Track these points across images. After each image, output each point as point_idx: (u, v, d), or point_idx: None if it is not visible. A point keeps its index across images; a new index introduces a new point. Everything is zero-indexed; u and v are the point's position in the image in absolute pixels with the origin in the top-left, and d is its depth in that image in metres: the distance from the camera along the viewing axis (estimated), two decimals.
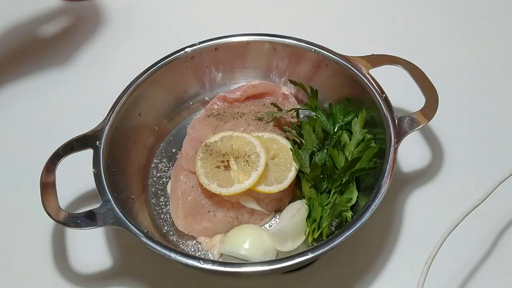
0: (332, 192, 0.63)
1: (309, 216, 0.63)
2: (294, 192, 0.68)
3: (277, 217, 0.67)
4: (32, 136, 0.79)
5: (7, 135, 0.79)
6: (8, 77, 0.86)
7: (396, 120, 0.63)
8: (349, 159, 0.64)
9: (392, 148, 0.61)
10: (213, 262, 0.55)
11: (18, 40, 0.90)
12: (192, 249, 0.65)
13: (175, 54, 0.72)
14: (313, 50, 0.72)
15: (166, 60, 0.72)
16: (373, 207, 0.57)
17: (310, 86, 0.71)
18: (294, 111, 0.72)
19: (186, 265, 0.55)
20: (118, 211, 0.58)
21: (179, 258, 0.55)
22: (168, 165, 0.72)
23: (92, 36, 0.93)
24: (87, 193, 0.70)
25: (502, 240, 0.66)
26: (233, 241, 0.62)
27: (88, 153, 0.63)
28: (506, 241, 0.66)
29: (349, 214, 0.61)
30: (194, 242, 0.65)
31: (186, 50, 0.73)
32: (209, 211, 0.64)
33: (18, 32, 0.90)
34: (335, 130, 0.68)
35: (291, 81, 0.73)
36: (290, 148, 0.65)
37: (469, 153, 0.73)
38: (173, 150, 0.74)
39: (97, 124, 0.65)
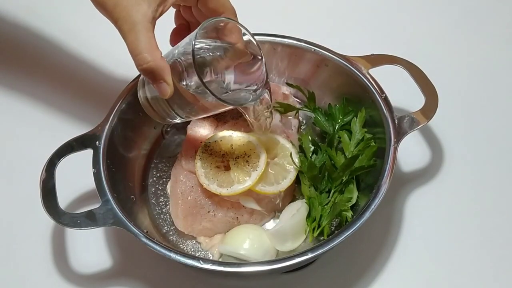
0: (332, 191, 0.63)
1: (309, 215, 0.63)
2: (294, 192, 0.68)
3: (277, 217, 0.67)
4: (32, 136, 0.79)
5: (7, 135, 0.79)
6: (9, 76, 0.86)
7: (396, 120, 0.63)
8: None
9: (392, 148, 0.61)
10: (213, 262, 0.55)
11: (19, 38, 0.90)
12: (192, 249, 0.65)
13: None
14: (313, 50, 0.72)
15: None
16: (373, 206, 0.57)
17: (307, 89, 0.71)
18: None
19: (186, 265, 0.55)
20: (118, 211, 0.58)
21: (179, 258, 0.55)
22: (168, 165, 0.72)
23: (92, 36, 0.93)
24: (87, 193, 0.70)
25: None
26: (232, 241, 0.62)
27: (88, 153, 0.63)
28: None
29: (349, 213, 0.61)
30: (194, 242, 0.65)
31: None
32: (209, 211, 0.64)
33: (22, 30, 0.90)
34: (335, 130, 0.68)
35: (288, 84, 0.73)
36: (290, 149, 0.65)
37: (469, 153, 0.73)
38: (173, 150, 0.74)
39: (97, 124, 0.65)
